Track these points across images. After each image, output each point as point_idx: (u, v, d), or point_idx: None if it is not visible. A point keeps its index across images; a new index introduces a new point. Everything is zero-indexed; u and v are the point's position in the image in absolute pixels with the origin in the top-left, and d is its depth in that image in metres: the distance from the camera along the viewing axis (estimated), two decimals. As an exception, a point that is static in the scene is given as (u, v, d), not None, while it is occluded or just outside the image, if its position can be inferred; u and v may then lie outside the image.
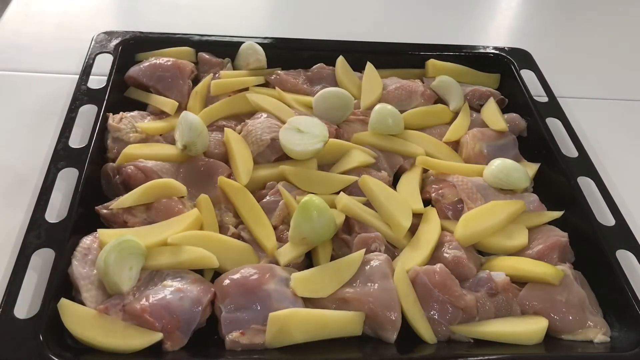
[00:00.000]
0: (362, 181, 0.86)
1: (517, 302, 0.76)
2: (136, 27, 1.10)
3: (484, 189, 0.88)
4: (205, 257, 0.74)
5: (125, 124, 0.91)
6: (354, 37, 1.17)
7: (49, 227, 0.75)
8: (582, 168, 0.93)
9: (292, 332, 0.69)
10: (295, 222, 0.77)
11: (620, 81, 1.26)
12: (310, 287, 0.73)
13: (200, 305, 0.70)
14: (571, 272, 0.79)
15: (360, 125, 0.98)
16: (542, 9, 1.52)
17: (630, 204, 0.95)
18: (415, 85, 1.05)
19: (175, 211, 0.80)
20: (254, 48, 1.06)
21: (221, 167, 0.87)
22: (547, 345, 0.74)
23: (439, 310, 0.74)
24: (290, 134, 0.88)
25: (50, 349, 0.64)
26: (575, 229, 0.85)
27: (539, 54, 1.17)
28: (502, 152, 0.96)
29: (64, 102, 1.00)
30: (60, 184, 0.82)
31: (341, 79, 1.06)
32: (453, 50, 1.15)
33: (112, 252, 0.70)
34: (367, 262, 0.76)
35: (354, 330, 0.72)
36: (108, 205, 0.80)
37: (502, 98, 1.08)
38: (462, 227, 0.82)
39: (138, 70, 1.00)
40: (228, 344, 0.69)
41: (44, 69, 1.11)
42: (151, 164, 0.85)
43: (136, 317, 0.68)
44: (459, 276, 0.77)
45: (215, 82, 1.00)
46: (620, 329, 0.76)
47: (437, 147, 0.97)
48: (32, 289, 0.73)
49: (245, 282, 0.72)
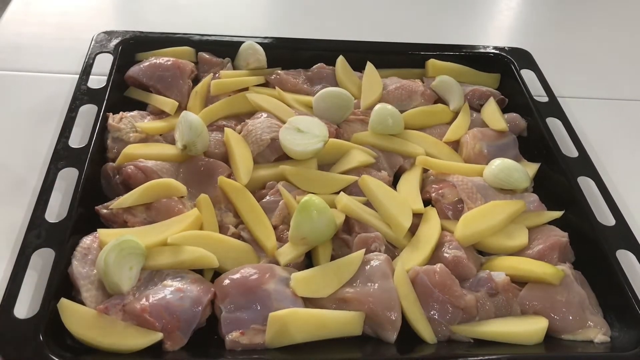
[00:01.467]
0: (362, 181, 0.86)
1: (517, 302, 0.76)
2: (136, 27, 1.10)
3: (484, 189, 0.88)
4: (205, 257, 0.74)
5: (125, 123, 0.91)
6: (354, 37, 1.17)
7: (49, 227, 0.75)
8: (582, 168, 0.93)
9: (292, 332, 0.69)
10: (295, 222, 0.77)
11: (620, 81, 1.26)
12: (310, 287, 0.73)
13: (200, 305, 0.70)
14: (571, 272, 0.79)
15: (360, 125, 0.98)
16: (542, 9, 1.52)
17: (630, 204, 0.95)
18: (415, 85, 1.05)
19: (175, 211, 0.80)
20: (254, 48, 1.06)
21: (221, 167, 0.87)
22: (547, 345, 0.74)
23: (439, 310, 0.74)
24: (290, 133, 0.88)
25: (50, 349, 0.64)
26: (575, 229, 0.85)
27: (539, 54, 1.17)
28: (502, 152, 0.96)
29: (64, 102, 1.00)
30: (60, 184, 0.82)
31: (341, 79, 1.06)
32: (453, 50, 1.15)
33: (112, 252, 0.70)
34: (367, 262, 0.76)
35: (354, 330, 0.72)
36: (108, 205, 0.80)
37: (502, 98, 1.08)
38: (462, 227, 0.82)
39: (138, 70, 1.00)
40: (228, 344, 0.69)
41: (44, 69, 1.11)
42: (151, 163, 0.85)
43: (136, 317, 0.68)
44: (459, 276, 0.77)
45: (215, 82, 1.00)
46: (620, 329, 0.76)
47: (437, 147, 0.97)
48: (32, 289, 0.73)
49: (245, 282, 0.72)
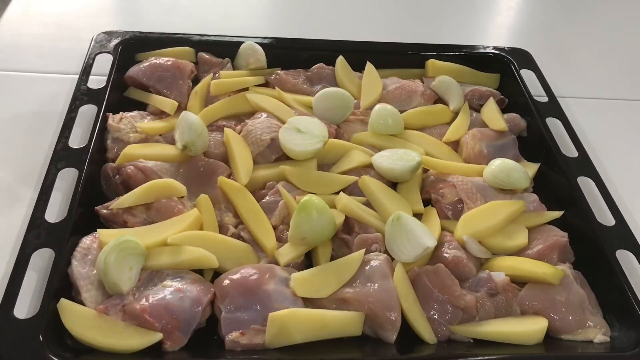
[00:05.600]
0: (362, 181, 0.86)
1: (517, 302, 0.76)
2: (136, 27, 1.10)
3: (484, 189, 0.88)
4: (205, 257, 0.74)
5: (125, 124, 0.91)
6: (354, 37, 1.17)
7: (49, 227, 0.75)
8: (582, 168, 0.93)
9: (292, 332, 0.69)
10: (295, 222, 0.77)
11: (620, 81, 1.26)
12: (310, 287, 0.73)
13: (200, 305, 0.70)
14: (571, 272, 0.79)
15: (360, 125, 0.98)
16: (542, 9, 1.52)
17: (630, 204, 0.95)
18: (415, 85, 1.05)
19: (175, 211, 0.80)
20: (253, 48, 1.06)
21: (221, 167, 0.87)
22: (547, 345, 0.74)
23: (439, 310, 0.74)
24: (290, 134, 0.88)
25: (50, 349, 0.64)
26: (575, 229, 0.85)
27: (539, 54, 1.17)
28: (502, 152, 0.96)
29: (64, 102, 1.00)
30: (60, 184, 0.82)
31: (341, 79, 1.06)
32: (453, 50, 1.15)
33: (112, 252, 0.70)
34: (367, 262, 0.76)
35: (354, 330, 0.72)
36: (108, 205, 0.80)
37: (502, 98, 1.08)
38: (462, 227, 0.82)
39: (138, 70, 1.00)
40: (228, 344, 0.69)
41: (44, 69, 1.11)
42: (151, 164, 0.85)
43: (136, 317, 0.68)
44: (459, 276, 0.77)
45: (215, 82, 1.00)
46: (620, 329, 0.76)
47: (437, 147, 0.97)
48: (32, 289, 0.73)
49: (245, 282, 0.72)
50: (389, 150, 0.90)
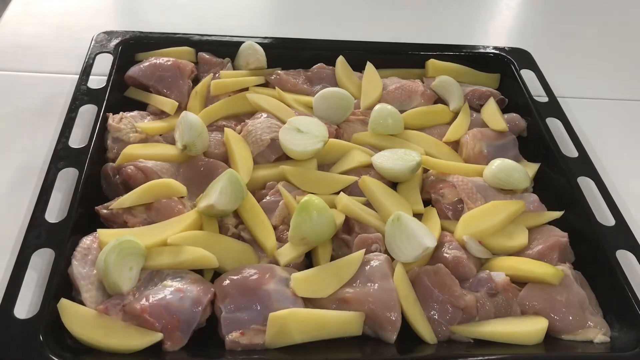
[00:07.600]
0: (362, 181, 0.86)
1: (517, 302, 0.76)
2: (136, 27, 1.10)
3: (484, 189, 0.88)
4: (205, 257, 0.74)
5: (125, 124, 0.91)
6: (354, 37, 1.17)
7: (49, 227, 0.75)
8: (582, 168, 0.93)
9: (292, 332, 0.69)
10: (295, 222, 0.77)
11: (620, 81, 1.26)
12: (310, 287, 0.73)
13: (200, 305, 0.70)
14: (571, 272, 0.79)
15: (360, 125, 0.98)
16: (542, 9, 1.52)
17: (630, 204, 0.95)
18: (415, 85, 1.05)
19: (175, 211, 0.80)
20: (254, 48, 1.06)
21: (221, 167, 0.87)
22: (547, 346, 0.74)
23: (439, 310, 0.74)
24: (290, 134, 0.88)
25: (50, 349, 0.64)
26: (575, 229, 0.85)
27: (539, 54, 1.17)
28: (502, 152, 0.96)
29: (64, 102, 1.00)
30: (60, 184, 0.82)
31: (341, 79, 1.06)
32: (453, 50, 1.15)
33: (112, 252, 0.70)
34: (367, 262, 0.76)
35: (354, 330, 0.72)
36: (108, 205, 0.80)
37: (502, 98, 1.08)
38: (462, 227, 0.82)
39: (138, 70, 1.00)
40: (228, 344, 0.69)
41: (44, 69, 1.11)
42: (151, 164, 0.85)
43: (136, 317, 0.68)
44: (459, 276, 0.77)
45: (215, 82, 1.00)
46: (620, 329, 0.76)
47: (437, 147, 0.97)
48: (32, 289, 0.73)
49: (245, 282, 0.72)
50: (389, 150, 0.90)
